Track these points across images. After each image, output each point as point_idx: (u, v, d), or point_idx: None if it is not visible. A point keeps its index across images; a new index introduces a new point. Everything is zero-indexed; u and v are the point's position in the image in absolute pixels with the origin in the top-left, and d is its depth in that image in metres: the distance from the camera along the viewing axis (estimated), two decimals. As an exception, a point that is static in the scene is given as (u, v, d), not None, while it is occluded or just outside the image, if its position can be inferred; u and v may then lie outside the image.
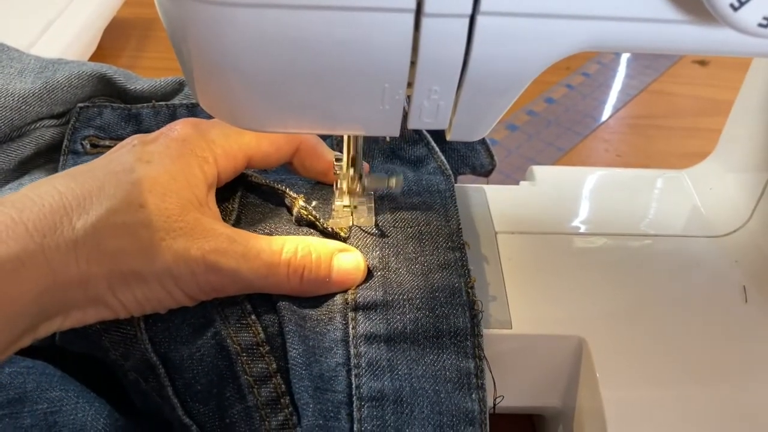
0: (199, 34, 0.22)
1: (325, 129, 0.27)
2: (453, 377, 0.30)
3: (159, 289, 0.29)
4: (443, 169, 0.40)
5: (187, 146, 0.32)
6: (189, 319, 0.31)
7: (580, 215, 0.41)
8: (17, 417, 0.30)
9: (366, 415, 0.29)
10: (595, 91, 0.70)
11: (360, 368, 0.30)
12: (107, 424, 0.30)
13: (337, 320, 0.32)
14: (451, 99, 0.24)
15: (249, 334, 0.31)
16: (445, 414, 0.30)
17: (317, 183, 0.38)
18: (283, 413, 0.30)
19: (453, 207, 0.37)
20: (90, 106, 0.43)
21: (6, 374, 0.31)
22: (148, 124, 0.44)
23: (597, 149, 0.62)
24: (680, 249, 0.39)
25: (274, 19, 0.21)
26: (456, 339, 0.31)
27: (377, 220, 0.36)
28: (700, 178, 0.44)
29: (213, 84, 0.24)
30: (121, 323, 0.31)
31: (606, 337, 0.34)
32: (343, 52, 0.22)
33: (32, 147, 0.43)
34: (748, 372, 0.33)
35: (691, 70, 0.74)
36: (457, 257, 0.34)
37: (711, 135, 0.47)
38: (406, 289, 0.33)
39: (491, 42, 0.21)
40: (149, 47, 0.73)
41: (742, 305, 0.36)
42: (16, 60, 0.44)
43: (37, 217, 0.26)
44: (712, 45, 0.22)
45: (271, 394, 0.31)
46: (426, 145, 0.41)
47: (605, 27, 0.21)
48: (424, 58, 0.22)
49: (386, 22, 0.21)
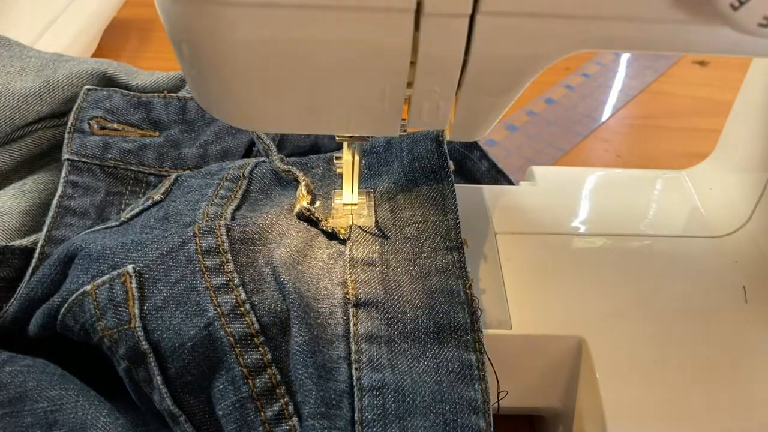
0: (199, 34, 0.22)
1: (325, 129, 0.27)
2: (455, 368, 0.31)
3: None
4: (444, 166, 0.40)
5: None
6: (182, 307, 0.31)
7: (579, 215, 0.41)
8: (17, 416, 0.30)
9: (367, 404, 0.29)
10: (594, 92, 0.70)
11: (360, 363, 0.30)
12: (107, 422, 0.30)
13: (338, 315, 0.32)
14: (451, 99, 0.24)
15: (243, 324, 0.31)
16: (447, 402, 0.29)
17: (332, 161, 0.39)
18: (279, 403, 0.30)
19: (452, 204, 0.37)
20: (98, 89, 0.44)
21: (6, 373, 0.31)
22: (158, 114, 0.45)
23: (597, 149, 0.62)
24: (680, 249, 0.39)
25: (274, 19, 0.21)
26: (456, 334, 0.31)
27: (377, 219, 0.36)
28: (700, 178, 0.44)
29: (213, 84, 0.24)
30: (118, 308, 0.31)
31: (606, 337, 0.34)
32: (343, 52, 0.22)
33: (34, 147, 0.43)
34: (748, 372, 0.33)
35: (691, 70, 0.74)
36: (455, 258, 0.34)
37: (711, 135, 0.47)
38: (405, 290, 0.33)
39: (491, 42, 0.21)
40: (149, 47, 0.73)
41: (742, 305, 0.36)
42: (16, 57, 0.44)
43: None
44: (712, 45, 0.22)
45: (266, 385, 0.30)
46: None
47: (605, 27, 0.21)
48: (424, 58, 0.22)
49: (386, 22, 0.21)
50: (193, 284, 0.32)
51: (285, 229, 0.35)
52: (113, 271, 0.32)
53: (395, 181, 0.38)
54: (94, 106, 0.43)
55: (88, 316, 0.32)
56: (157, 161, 0.45)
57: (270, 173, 0.39)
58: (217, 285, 0.32)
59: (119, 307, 0.31)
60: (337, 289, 0.33)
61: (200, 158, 0.46)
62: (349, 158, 0.34)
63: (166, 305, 0.31)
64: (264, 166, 0.39)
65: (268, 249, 0.34)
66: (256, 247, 0.34)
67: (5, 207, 0.41)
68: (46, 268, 0.35)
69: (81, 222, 0.41)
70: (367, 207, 0.37)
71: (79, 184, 0.42)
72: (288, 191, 0.38)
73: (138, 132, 0.45)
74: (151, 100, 0.45)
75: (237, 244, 0.33)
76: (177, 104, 0.46)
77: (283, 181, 0.39)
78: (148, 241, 0.33)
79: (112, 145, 0.43)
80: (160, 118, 0.46)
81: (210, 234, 0.33)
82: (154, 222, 0.36)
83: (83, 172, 0.42)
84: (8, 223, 0.40)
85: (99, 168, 0.43)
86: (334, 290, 0.33)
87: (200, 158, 0.46)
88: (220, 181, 0.38)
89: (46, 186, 0.43)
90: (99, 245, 0.34)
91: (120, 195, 0.43)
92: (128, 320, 0.31)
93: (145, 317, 0.31)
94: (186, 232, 0.33)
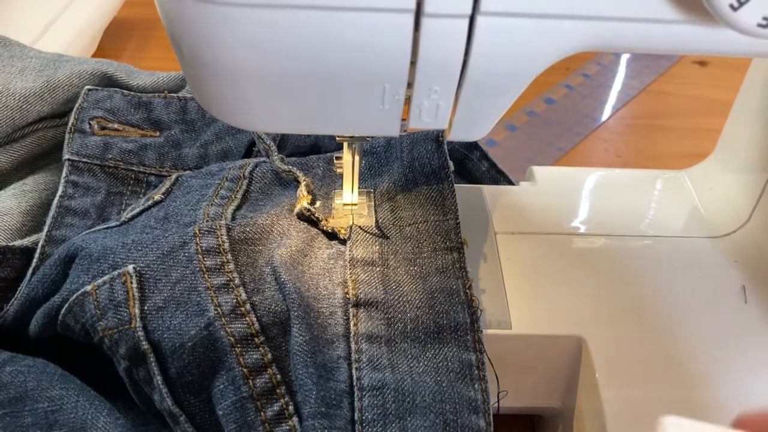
0: (199, 34, 0.22)
1: (324, 129, 0.27)
2: (455, 368, 0.31)
3: None
4: (444, 166, 0.40)
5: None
6: (183, 307, 0.31)
7: (579, 215, 0.41)
8: (18, 415, 0.30)
9: (367, 404, 0.29)
10: (594, 92, 0.70)
11: (360, 362, 0.30)
12: (107, 422, 0.30)
13: (339, 315, 0.32)
14: (451, 99, 0.24)
15: (243, 324, 0.31)
16: (447, 402, 0.29)
17: (332, 161, 0.39)
18: (279, 403, 0.30)
19: (452, 204, 0.37)
20: (99, 89, 0.44)
21: (7, 373, 0.31)
22: (159, 114, 0.45)
23: (597, 149, 0.62)
24: (680, 249, 0.39)
25: (274, 19, 0.21)
26: (456, 333, 0.31)
27: (377, 219, 0.36)
28: (700, 178, 0.44)
29: (212, 83, 0.24)
30: (119, 308, 0.31)
31: (606, 337, 0.34)
32: (342, 52, 0.22)
33: (35, 147, 0.43)
34: (748, 372, 0.33)
35: (691, 70, 0.74)
36: (455, 258, 0.34)
37: (711, 135, 0.47)
38: (405, 290, 0.33)
39: (491, 42, 0.21)
40: (149, 47, 0.73)
41: (741, 305, 0.36)
42: (17, 57, 0.44)
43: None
44: (712, 45, 0.22)
45: (266, 384, 0.30)
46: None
47: (605, 27, 0.21)
48: (424, 58, 0.22)
49: (386, 22, 0.21)
50: (194, 284, 0.32)
51: (285, 229, 0.35)
52: (114, 271, 0.32)
53: (395, 181, 0.38)
54: (94, 106, 0.44)
55: (88, 316, 0.32)
56: (157, 161, 0.45)
57: (270, 173, 0.39)
58: (217, 285, 0.32)
59: (120, 307, 0.31)
60: (337, 289, 0.33)
61: (200, 158, 0.46)
62: (349, 158, 0.34)
63: (166, 305, 0.31)
64: (264, 166, 0.39)
65: (269, 249, 0.34)
66: (256, 247, 0.34)
67: (6, 207, 0.41)
68: (47, 268, 0.35)
69: (81, 222, 0.41)
70: (367, 207, 0.37)
71: (80, 184, 0.42)
72: (288, 191, 0.38)
73: (138, 132, 0.45)
74: (151, 100, 0.46)
75: (237, 244, 0.33)
76: (177, 104, 0.46)
77: (283, 181, 0.39)
78: (148, 241, 0.33)
79: (113, 145, 0.43)
80: (161, 118, 0.46)
81: (210, 234, 0.33)
82: (155, 222, 0.36)
83: (84, 172, 0.42)
84: (9, 223, 0.40)
85: (99, 168, 0.43)
86: (335, 290, 0.33)
87: (200, 158, 0.46)
88: (221, 181, 0.38)
89: (46, 186, 0.43)
90: (99, 245, 0.34)
91: (120, 195, 0.43)
92: (129, 320, 0.31)
93: (145, 317, 0.31)
94: (186, 232, 0.33)
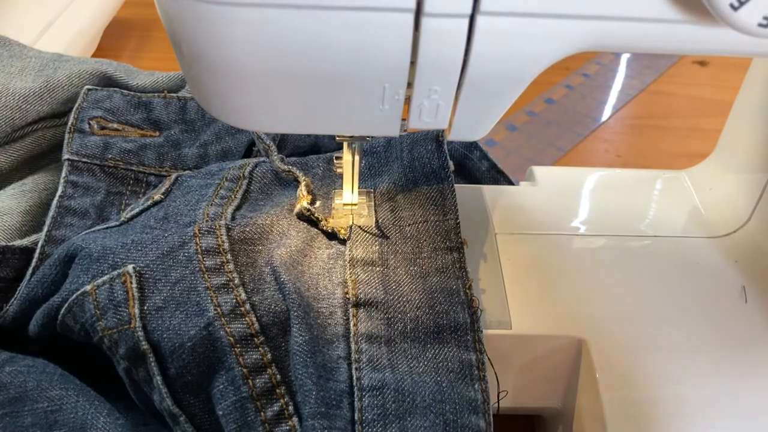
0: (199, 34, 0.22)
1: (324, 129, 0.27)
2: (455, 368, 0.31)
3: None
4: (444, 166, 0.40)
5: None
6: (182, 307, 0.31)
7: (579, 216, 0.41)
8: (17, 416, 0.30)
9: (367, 404, 0.29)
10: (594, 92, 0.70)
11: (360, 362, 0.30)
12: (107, 422, 0.30)
13: (338, 315, 0.32)
14: (451, 99, 0.24)
15: (243, 324, 0.31)
16: (447, 402, 0.29)
17: (332, 161, 0.39)
18: (279, 403, 0.30)
19: (452, 204, 0.37)
20: (98, 89, 0.44)
21: (6, 373, 0.31)
22: (158, 114, 0.45)
23: (597, 149, 0.62)
24: (680, 249, 0.39)
25: (274, 19, 0.21)
26: (456, 333, 0.31)
27: (377, 219, 0.36)
28: (700, 178, 0.44)
29: (212, 83, 0.24)
30: (118, 308, 0.31)
31: (606, 337, 0.34)
32: (342, 52, 0.22)
33: (34, 147, 0.43)
34: (748, 372, 0.33)
35: (691, 70, 0.74)
36: (455, 258, 0.34)
37: (711, 135, 0.47)
38: (405, 290, 0.33)
39: (491, 42, 0.21)
40: (149, 47, 0.73)
41: (741, 305, 0.36)
42: (17, 57, 0.44)
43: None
44: (712, 45, 0.22)
45: (266, 385, 0.30)
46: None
47: (605, 27, 0.21)
48: (424, 58, 0.22)
49: (386, 22, 0.21)
50: (193, 284, 0.32)
51: (285, 229, 0.35)
52: (113, 271, 0.32)
53: (395, 181, 0.38)
54: (94, 106, 0.44)
55: (88, 316, 0.32)
56: (157, 161, 0.45)
57: (270, 173, 0.39)
58: (217, 285, 0.32)
59: (119, 307, 0.31)
60: (337, 289, 0.33)
61: (200, 158, 0.46)
62: (349, 158, 0.34)
63: (166, 305, 0.31)
64: (264, 166, 0.39)
65: (269, 249, 0.34)
66: (256, 247, 0.34)
67: (5, 207, 0.41)
68: (47, 268, 0.35)
69: (81, 222, 0.41)
70: (367, 207, 0.37)
71: (80, 184, 0.42)
72: (288, 191, 0.38)
73: (138, 132, 0.45)
74: (151, 100, 0.46)
75: (237, 244, 0.33)
76: (177, 104, 0.46)
77: (283, 181, 0.39)
78: (148, 241, 0.33)
79: (113, 145, 0.43)
80: (160, 118, 0.46)
81: (210, 234, 0.33)
82: (155, 222, 0.36)
83: (83, 172, 0.42)
84: (8, 223, 0.40)
85: (99, 168, 0.43)
86: (334, 290, 0.33)
87: (200, 158, 0.46)
88: (221, 181, 0.38)
89: (46, 186, 0.43)
90: (99, 245, 0.34)
91: (120, 195, 0.43)
92: (128, 320, 0.31)
93: (145, 317, 0.31)
94: (186, 232, 0.33)
